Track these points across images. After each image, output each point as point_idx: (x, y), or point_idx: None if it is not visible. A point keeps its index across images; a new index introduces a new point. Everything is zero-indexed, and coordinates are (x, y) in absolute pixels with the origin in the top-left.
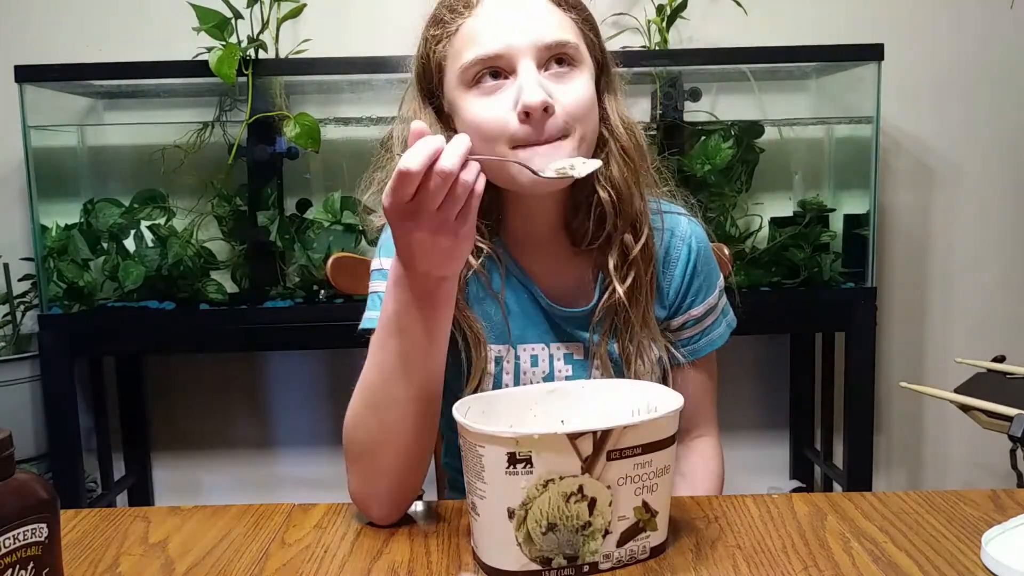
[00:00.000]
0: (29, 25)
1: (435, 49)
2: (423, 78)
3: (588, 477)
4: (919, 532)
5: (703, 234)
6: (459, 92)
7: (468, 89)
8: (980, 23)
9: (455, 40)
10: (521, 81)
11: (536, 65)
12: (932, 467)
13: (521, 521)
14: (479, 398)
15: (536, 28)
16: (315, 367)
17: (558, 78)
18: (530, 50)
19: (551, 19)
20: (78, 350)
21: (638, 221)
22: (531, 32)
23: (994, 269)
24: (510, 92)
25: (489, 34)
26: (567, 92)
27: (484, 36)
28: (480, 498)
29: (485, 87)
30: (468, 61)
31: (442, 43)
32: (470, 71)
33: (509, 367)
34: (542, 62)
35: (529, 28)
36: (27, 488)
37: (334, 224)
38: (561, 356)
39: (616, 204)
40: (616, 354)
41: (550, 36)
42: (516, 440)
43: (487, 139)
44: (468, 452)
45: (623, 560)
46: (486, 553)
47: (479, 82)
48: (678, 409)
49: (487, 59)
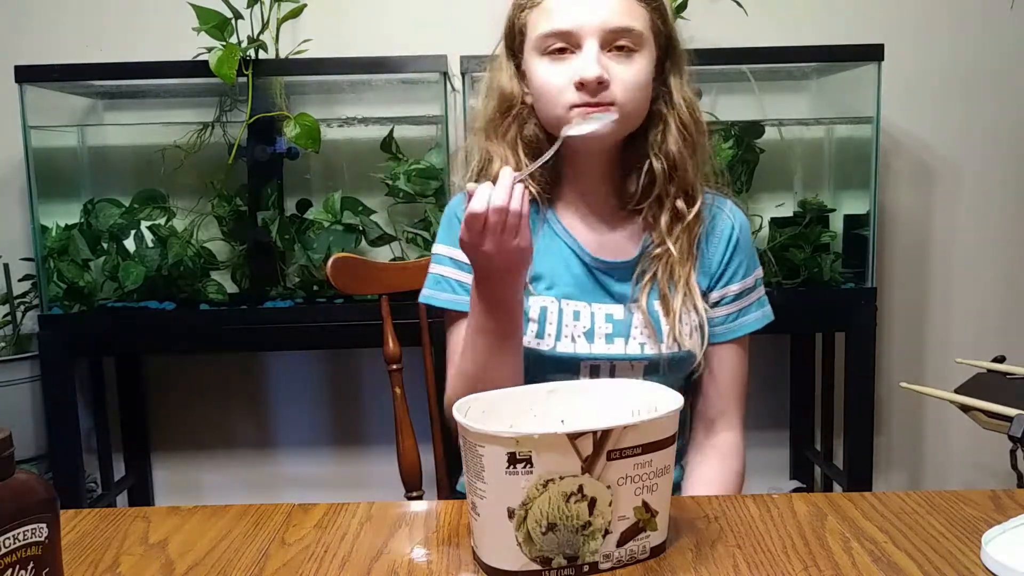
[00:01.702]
0: (29, 25)
1: (519, 15)
2: (509, 37)
3: (588, 477)
4: (919, 532)
5: (746, 220)
6: (533, 56)
7: (541, 55)
8: (980, 23)
9: (536, 11)
10: (583, 55)
11: (600, 44)
12: (932, 467)
13: (521, 521)
14: (479, 398)
15: (605, 12)
16: (315, 367)
17: (619, 58)
18: (596, 31)
19: (621, 6)
20: (78, 350)
21: (691, 188)
22: (600, 15)
23: (994, 269)
24: (574, 64)
25: (564, 12)
26: (623, 71)
27: (559, 13)
28: (480, 498)
29: (554, 56)
30: (543, 32)
31: (525, 11)
32: (544, 41)
33: (553, 318)
34: (606, 43)
35: (599, 11)
36: (27, 488)
37: (334, 224)
38: (603, 315)
39: (668, 171)
40: (657, 312)
41: (616, 22)
42: (516, 440)
43: (548, 100)
44: (468, 452)
45: (623, 560)
46: (486, 553)
47: (550, 51)
48: (678, 409)
49: (558, 33)
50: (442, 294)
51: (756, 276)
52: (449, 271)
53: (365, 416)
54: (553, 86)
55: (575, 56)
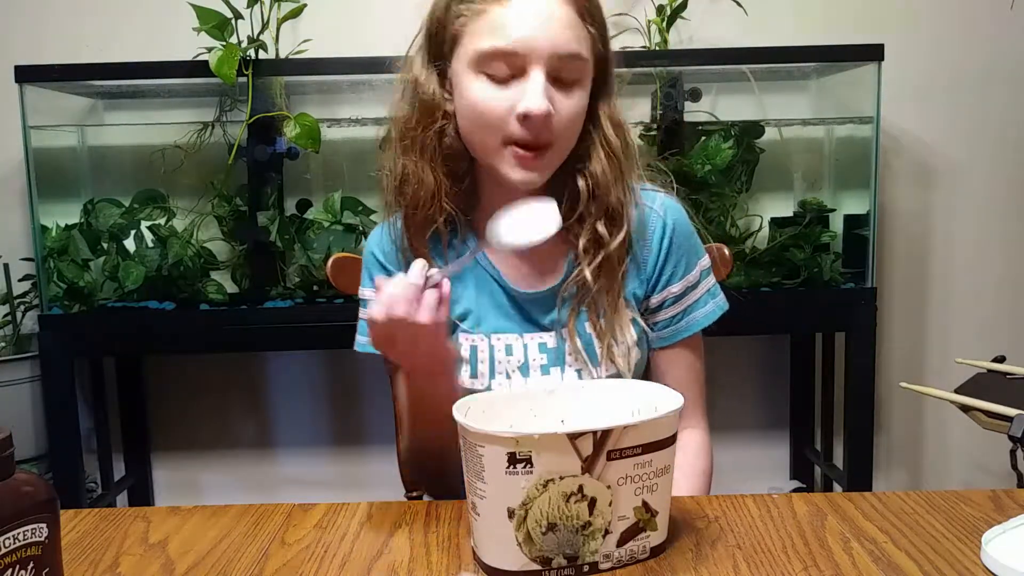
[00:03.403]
0: (29, 25)
1: (452, 21)
2: (435, 40)
3: (588, 477)
4: (919, 532)
5: (680, 210)
6: (467, 71)
7: (477, 72)
8: (981, 23)
9: (478, 21)
10: (529, 85)
11: (546, 72)
12: (932, 467)
13: (521, 521)
14: (479, 398)
15: (556, 37)
16: (315, 367)
17: (561, 88)
18: (545, 57)
19: (571, 32)
20: (78, 350)
21: (616, 212)
22: (551, 40)
23: (994, 269)
24: (515, 90)
25: (513, 30)
26: (565, 105)
27: (508, 30)
28: (480, 498)
29: (494, 77)
30: (486, 49)
31: (463, 18)
32: (485, 59)
33: (484, 356)
34: (552, 70)
35: (550, 35)
36: (27, 488)
37: (334, 224)
38: (536, 345)
39: (591, 191)
40: (589, 334)
41: (566, 48)
42: (516, 440)
43: (483, 126)
44: (468, 452)
45: (623, 560)
46: (486, 553)
47: (489, 70)
48: (678, 409)
49: (505, 54)
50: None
51: (700, 268)
52: None
53: (365, 416)
54: (492, 114)
55: (517, 82)
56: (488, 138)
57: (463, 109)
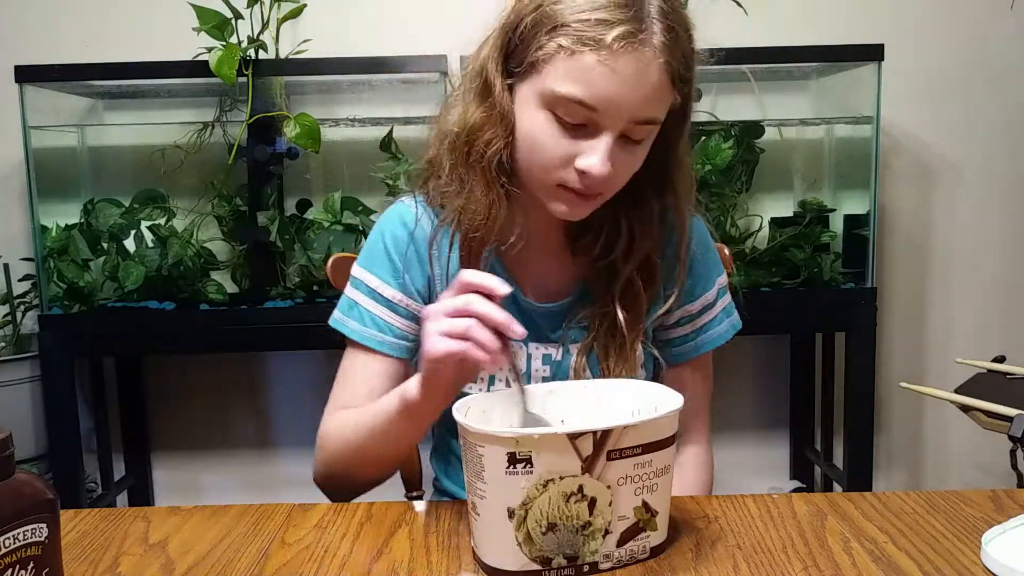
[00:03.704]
0: (29, 25)
1: (540, 50)
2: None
3: (588, 477)
4: (919, 532)
5: (703, 227)
6: (536, 101)
7: (545, 108)
8: (980, 23)
9: (567, 61)
10: (596, 145)
11: (617, 132)
12: (932, 467)
13: (521, 521)
14: (478, 398)
15: (640, 103)
16: (315, 367)
17: (624, 146)
18: (622, 121)
19: (657, 98)
20: (78, 350)
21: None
22: (634, 105)
23: (994, 269)
24: (580, 141)
25: (600, 86)
26: (625, 164)
27: (594, 84)
28: (480, 498)
29: (562, 121)
30: (566, 93)
31: (548, 51)
32: (563, 103)
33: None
34: (623, 130)
35: (635, 101)
36: (27, 488)
37: (334, 224)
38: (540, 356)
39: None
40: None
41: (644, 112)
42: (516, 440)
43: (537, 163)
44: (468, 452)
45: (623, 560)
46: (486, 553)
47: (559, 112)
48: (678, 409)
49: (586, 106)
50: (351, 322)
51: (718, 286)
52: (364, 300)
53: None
54: (551, 157)
55: (584, 132)
56: (540, 174)
57: (522, 134)
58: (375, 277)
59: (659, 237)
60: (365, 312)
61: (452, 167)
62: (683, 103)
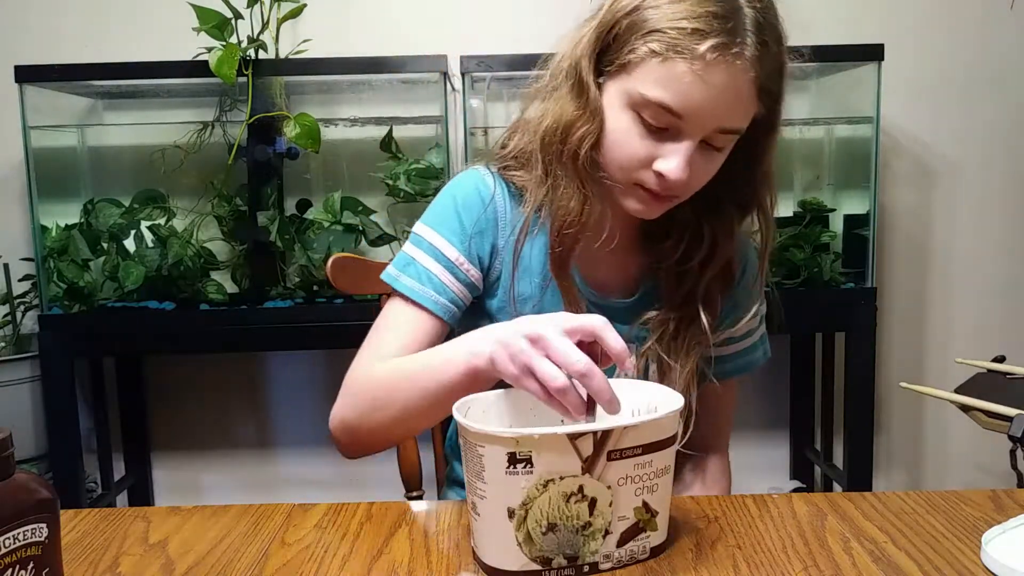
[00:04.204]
0: (29, 25)
1: (632, 53)
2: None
3: (588, 477)
4: (919, 532)
5: (753, 251)
6: (621, 101)
7: (630, 109)
8: (980, 23)
9: (659, 66)
10: (677, 150)
11: (699, 139)
12: (932, 467)
13: (521, 521)
14: (479, 398)
15: (726, 113)
16: (315, 367)
17: (704, 151)
18: (705, 128)
19: (742, 108)
20: (78, 350)
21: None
22: (719, 114)
23: (994, 269)
24: (660, 143)
25: (690, 94)
26: (703, 170)
27: (685, 91)
28: (480, 498)
29: (646, 124)
30: (654, 98)
31: (641, 53)
32: (649, 106)
33: None
34: (705, 137)
35: (720, 110)
36: (27, 488)
37: (334, 224)
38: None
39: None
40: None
41: (728, 124)
42: (516, 440)
43: (617, 162)
44: (468, 452)
45: (623, 560)
46: (486, 553)
47: (645, 114)
48: (679, 409)
49: (670, 111)
50: (406, 278)
51: (759, 314)
52: (423, 258)
53: None
54: (631, 157)
55: (666, 135)
56: (619, 172)
57: (605, 132)
58: (440, 236)
59: (736, 250)
60: (423, 270)
61: (544, 160)
62: (769, 115)
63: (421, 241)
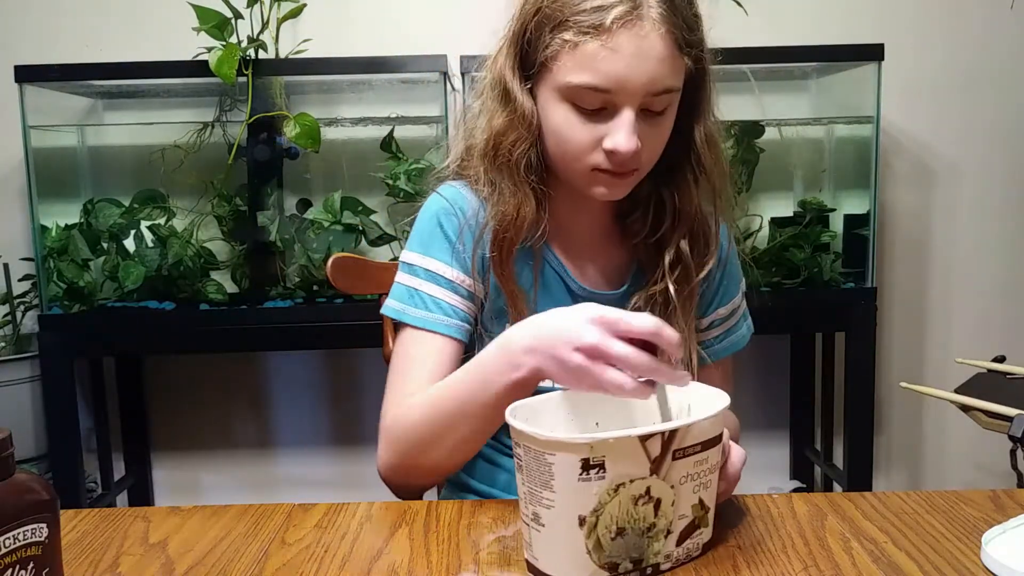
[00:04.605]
0: (29, 25)
1: (545, 50)
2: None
3: (655, 478)
4: (919, 532)
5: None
6: (554, 97)
7: (564, 101)
8: (980, 23)
9: (572, 54)
10: (619, 123)
11: (637, 108)
12: (932, 467)
13: (592, 528)
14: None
15: (651, 74)
16: (315, 367)
17: (649, 119)
18: (639, 95)
19: (667, 66)
20: (78, 350)
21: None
22: (646, 78)
23: (994, 269)
24: (603, 123)
25: (607, 68)
26: (652, 134)
27: (602, 68)
28: (547, 508)
29: (582, 109)
30: (578, 83)
31: (554, 49)
32: (576, 92)
33: None
34: (642, 104)
35: (645, 73)
36: (27, 488)
37: (334, 224)
38: None
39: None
40: None
41: (660, 84)
42: (591, 446)
43: (568, 153)
44: (533, 461)
45: (680, 559)
46: (551, 564)
47: (578, 101)
48: (727, 404)
49: (598, 90)
50: (412, 310)
51: (742, 290)
52: (424, 285)
53: (365, 416)
54: (578, 145)
55: (606, 115)
56: (573, 163)
57: (548, 131)
58: (434, 260)
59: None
60: (428, 297)
61: (485, 172)
62: (698, 69)
63: (416, 269)
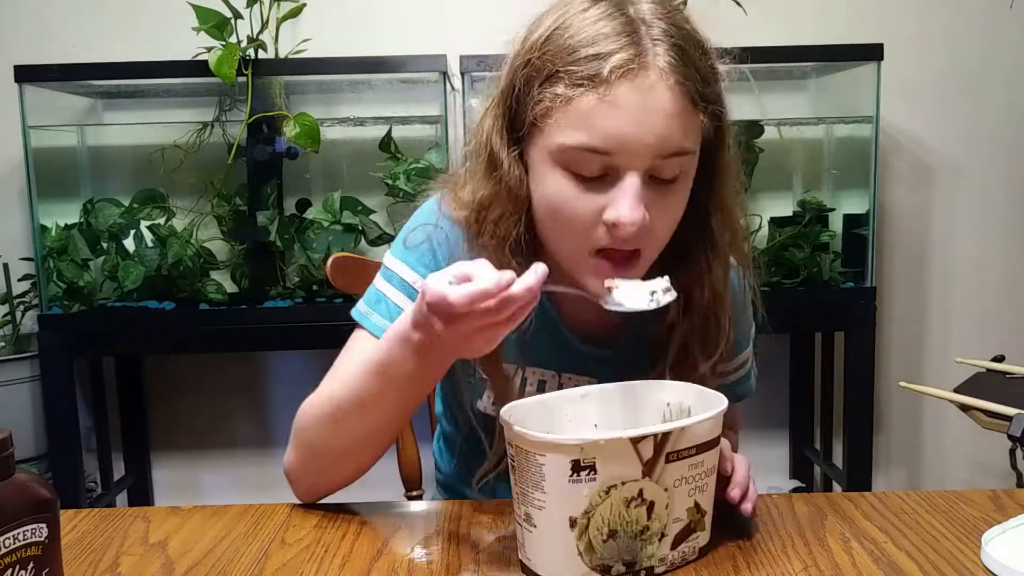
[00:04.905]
0: (29, 25)
1: (535, 108)
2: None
3: (648, 481)
4: (919, 532)
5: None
6: (547, 162)
7: (558, 167)
8: (980, 23)
9: (565, 111)
10: (622, 192)
11: (643, 173)
12: (932, 467)
13: (583, 530)
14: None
15: (659, 135)
16: (315, 367)
17: (659, 186)
18: (646, 159)
19: (678, 125)
20: (78, 350)
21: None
22: (653, 139)
23: (994, 269)
24: (604, 192)
25: (606, 126)
26: (662, 207)
27: (600, 126)
28: (538, 508)
29: (579, 176)
30: (573, 144)
31: (545, 105)
32: (573, 155)
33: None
34: (649, 169)
35: (652, 133)
36: (27, 488)
37: (334, 224)
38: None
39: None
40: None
41: (671, 144)
42: (581, 447)
43: (563, 228)
44: (524, 462)
45: (676, 562)
46: (542, 565)
47: (574, 167)
48: (725, 407)
49: (598, 153)
50: (375, 316)
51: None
52: (394, 294)
53: None
54: (576, 219)
55: (608, 182)
56: (568, 242)
57: (540, 202)
58: (410, 269)
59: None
60: (393, 307)
61: (470, 240)
62: (716, 128)
63: (392, 276)
